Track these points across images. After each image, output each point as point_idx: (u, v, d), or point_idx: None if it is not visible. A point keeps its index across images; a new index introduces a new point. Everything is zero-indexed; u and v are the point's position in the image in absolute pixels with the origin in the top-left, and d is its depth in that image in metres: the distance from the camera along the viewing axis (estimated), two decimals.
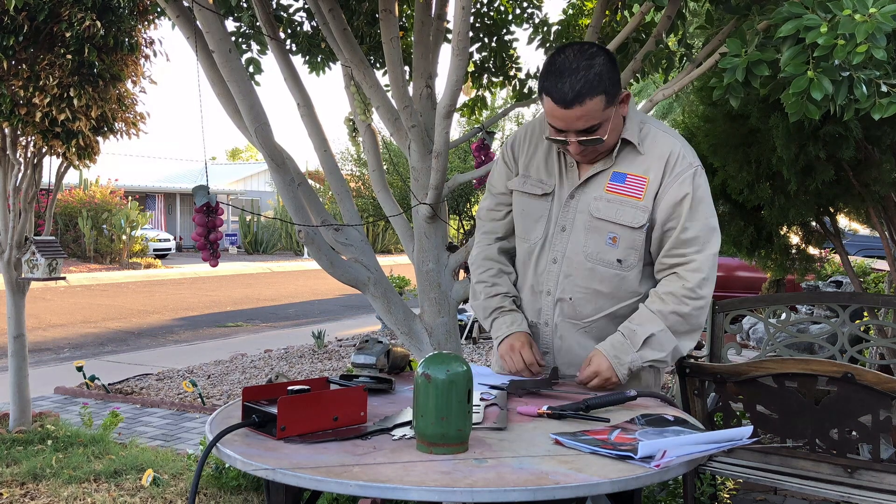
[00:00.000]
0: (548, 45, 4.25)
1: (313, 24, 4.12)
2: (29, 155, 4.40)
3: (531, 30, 4.26)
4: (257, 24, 3.77)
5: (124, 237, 21.01)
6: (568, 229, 1.96)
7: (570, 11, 4.25)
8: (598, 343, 1.92)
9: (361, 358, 1.87)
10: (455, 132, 13.57)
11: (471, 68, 4.31)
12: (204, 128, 3.26)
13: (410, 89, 3.45)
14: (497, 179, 2.13)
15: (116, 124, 4.38)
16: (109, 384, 6.23)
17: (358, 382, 1.81)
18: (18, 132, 4.26)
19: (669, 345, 1.87)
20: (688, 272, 1.88)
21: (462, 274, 6.70)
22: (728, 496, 3.63)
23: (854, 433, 2.47)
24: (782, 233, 4.35)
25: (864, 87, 1.96)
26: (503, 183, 2.11)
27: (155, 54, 4.45)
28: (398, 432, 1.50)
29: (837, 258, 6.02)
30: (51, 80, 3.95)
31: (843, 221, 5.34)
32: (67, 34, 3.90)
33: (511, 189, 2.06)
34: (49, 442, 4.27)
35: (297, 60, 4.18)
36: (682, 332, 1.89)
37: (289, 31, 4.17)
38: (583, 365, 1.89)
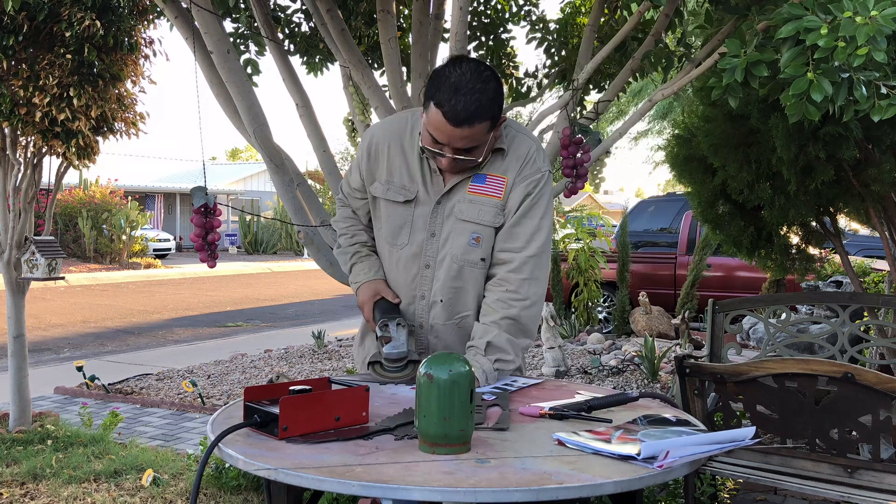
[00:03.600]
0: (546, 43, 4.25)
1: (311, 24, 4.12)
2: (29, 155, 4.40)
3: (529, 28, 4.26)
4: (255, 24, 3.77)
5: (124, 237, 20.99)
6: (437, 234, 2.00)
7: (568, 10, 4.25)
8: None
9: (394, 352, 1.89)
10: None
11: None
12: (203, 128, 3.26)
13: (409, 89, 3.45)
14: (351, 176, 2.13)
15: (116, 124, 4.38)
16: (109, 384, 6.23)
17: (393, 377, 1.89)
18: (18, 132, 4.26)
19: (508, 345, 1.93)
20: (510, 273, 1.94)
21: None
22: (728, 496, 3.63)
23: (854, 433, 2.47)
24: (782, 233, 4.36)
25: (863, 89, 1.96)
26: (357, 183, 2.11)
27: (154, 54, 4.45)
28: (400, 432, 1.50)
29: (837, 258, 6.03)
30: (50, 79, 3.95)
31: (843, 221, 5.34)
32: (67, 34, 3.89)
33: (374, 196, 2.07)
34: (49, 442, 4.27)
35: (296, 61, 4.18)
36: (518, 335, 1.95)
37: (287, 31, 4.17)
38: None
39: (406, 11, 4.24)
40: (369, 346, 2.17)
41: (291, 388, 1.53)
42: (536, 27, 4.23)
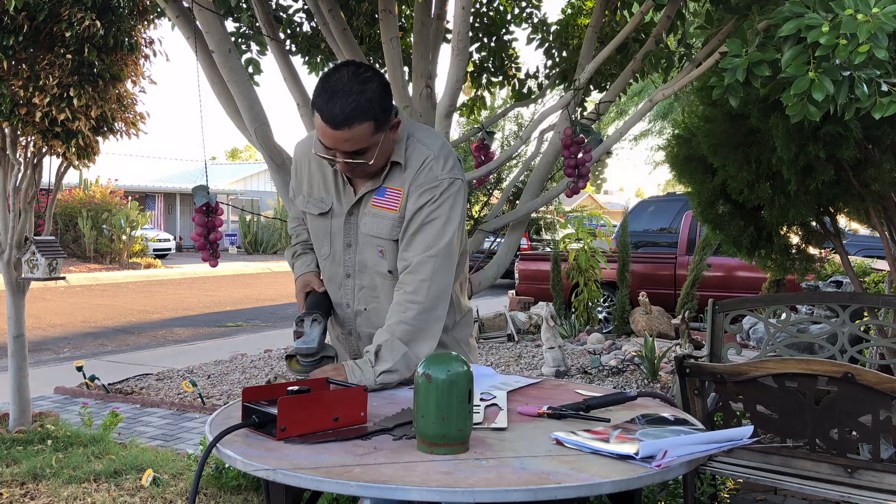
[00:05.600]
0: (547, 44, 4.25)
1: (313, 24, 4.12)
2: (29, 155, 4.40)
3: (530, 29, 4.26)
4: (257, 24, 3.77)
5: (124, 237, 21.00)
6: (353, 245, 2.03)
7: (569, 11, 4.25)
8: None
9: (304, 347, 1.93)
10: (455, 132, 13.58)
11: (470, 68, 4.31)
12: (204, 128, 3.26)
13: (410, 89, 3.45)
14: (291, 188, 2.22)
15: (116, 124, 4.38)
16: (109, 384, 6.23)
17: (304, 370, 1.92)
18: (18, 132, 4.26)
19: (398, 352, 1.85)
20: (407, 275, 1.90)
21: None
22: (728, 496, 3.63)
23: (854, 433, 2.47)
24: (782, 233, 4.35)
25: (864, 87, 1.96)
26: (292, 193, 2.19)
27: (155, 54, 4.45)
28: (399, 432, 1.50)
29: (837, 258, 6.03)
30: (51, 79, 3.95)
31: (843, 221, 5.34)
32: (67, 34, 3.89)
33: (301, 209, 2.13)
34: (49, 442, 4.27)
35: (297, 60, 4.18)
36: (413, 340, 1.87)
37: (288, 31, 4.17)
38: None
39: (408, 12, 4.24)
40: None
41: (290, 388, 1.53)
42: (538, 28, 4.23)
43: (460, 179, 1.96)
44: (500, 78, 4.39)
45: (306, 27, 4.19)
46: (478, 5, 4.16)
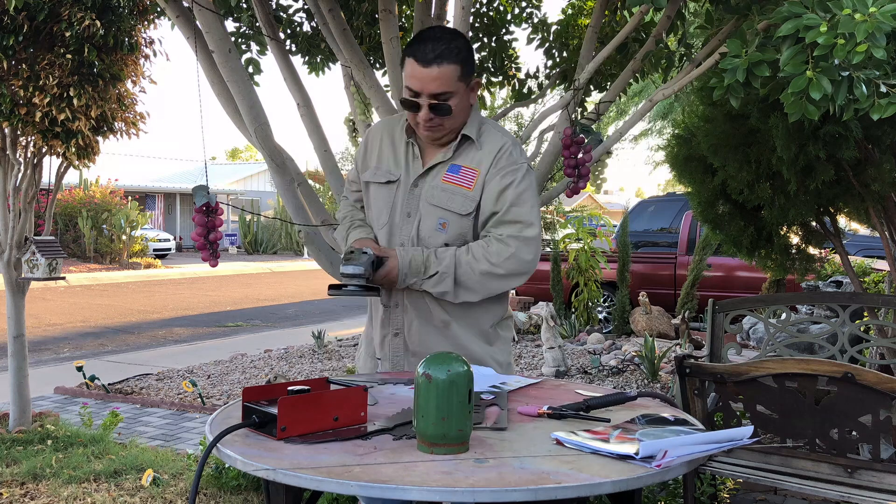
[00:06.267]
0: (547, 44, 4.25)
1: (313, 24, 4.12)
2: (29, 155, 4.40)
3: (530, 29, 4.26)
4: (257, 24, 3.77)
5: (124, 237, 21.00)
6: (413, 215, 2.09)
7: (570, 11, 4.25)
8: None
9: (350, 269, 1.94)
10: None
11: None
12: (204, 128, 3.25)
13: None
14: (352, 170, 2.30)
15: (116, 124, 4.38)
16: (109, 384, 6.23)
17: (348, 291, 1.93)
18: (18, 132, 4.26)
19: (447, 286, 1.99)
20: (496, 242, 1.99)
21: None
22: (728, 496, 3.63)
23: (854, 433, 2.47)
24: (782, 233, 4.35)
25: (863, 87, 1.96)
26: (355, 174, 2.28)
27: (155, 54, 4.45)
28: (399, 432, 1.50)
29: (837, 258, 6.02)
30: (51, 79, 3.95)
31: (842, 221, 5.34)
32: (67, 34, 3.89)
33: (365, 181, 2.20)
34: (49, 442, 4.27)
35: (297, 61, 4.18)
36: (464, 286, 2.00)
37: (288, 31, 4.17)
38: (382, 251, 2.02)
39: (408, 12, 4.24)
40: (365, 357, 2.27)
41: (290, 388, 1.53)
42: (539, 29, 4.23)
43: (530, 166, 2.09)
44: (500, 78, 4.38)
45: (306, 27, 4.19)
46: (478, 5, 4.16)
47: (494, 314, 2.15)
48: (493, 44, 4.29)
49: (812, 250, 4.55)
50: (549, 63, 4.27)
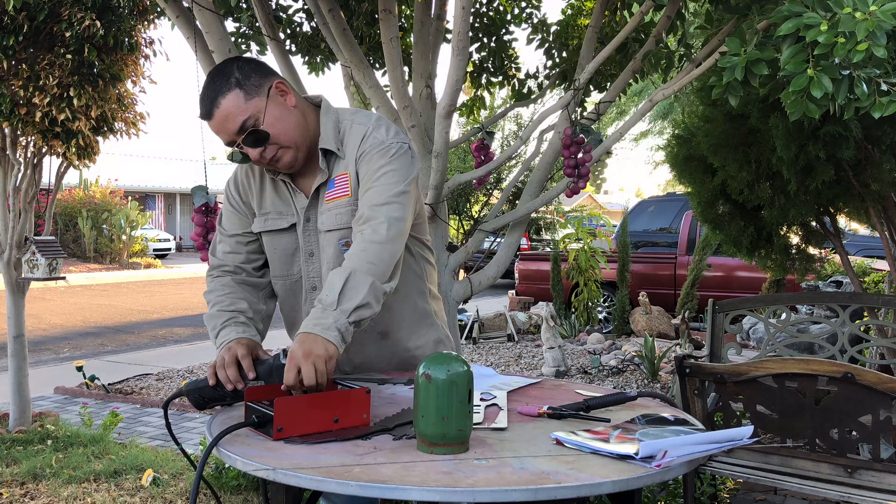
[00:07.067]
0: (547, 45, 4.25)
1: (313, 24, 4.12)
2: (29, 155, 4.40)
3: (530, 29, 4.26)
4: (257, 24, 3.77)
5: (124, 237, 21.00)
6: (315, 253, 1.90)
7: (569, 11, 4.25)
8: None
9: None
10: (455, 132, 13.57)
11: (470, 68, 4.31)
12: (203, 128, 3.26)
13: (410, 89, 3.45)
14: (228, 222, 1.99)
15: (116, 124, 4.38)
16: (109, 384, 6.23)
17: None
18: (18, 132, 4.26)
19: (364, 284, 1.62)
20: (363, 224, 1.73)
21: (462, 274, 6.70)
22: (728, 496, 3.63)
23: (854, 433, 2.47)
24: (782, 233, 4.35)
25: (864, 86, 1.96)
26: (236, 226, 1.98)
27: (155, 54, 4.45)
28: (399, 432, 1.50)
29: (837, 258, 6.03)
30: (51, 79, 3.95)
31: (842, 221, 5.34)
32: (67, 34, 3.89)
33: (257, 232, 1.95)
34: (49, 442, 4.27)
35: (297, 61, 4.18)
36: (376, 274, 1.65)
37: (288, 31, 4.17)
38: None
39: (408, 12, 4.24)
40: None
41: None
42: (538, 29, 4.23)
43: (408, 144, 1.86)
44: (500, 78, 4.39)
45: (306, 27, 4.19)
46: (478, 5, 4.16)
47: (427, 303, 1.98)
48: (492, 44, 4.29)
49: (812, 250, 4.55)
50: (549, 63, 4.28)
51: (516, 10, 4.27)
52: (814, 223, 4.38)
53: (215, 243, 2.02)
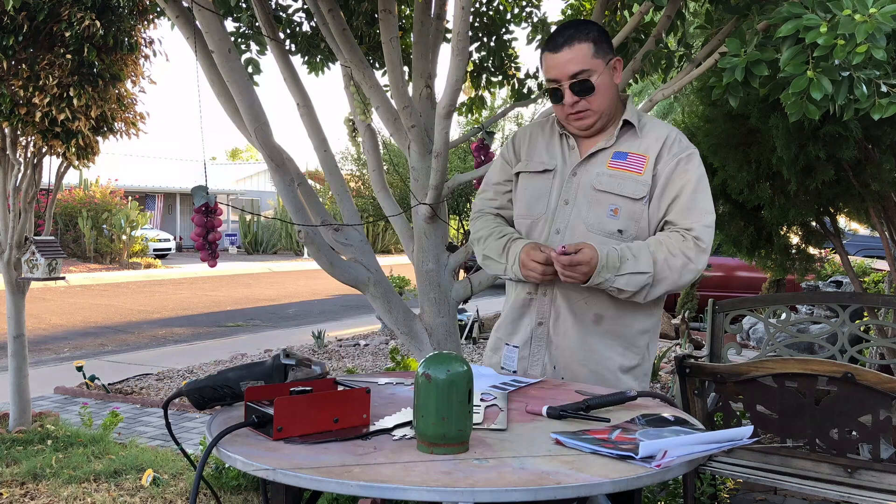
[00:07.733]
0: None
1: (312, 24, 4.12)
2: (29, 155, 4.40)
3: (530, 29, 4.26)
4: (256, 24, 3.77)
5: (124, 237, 21.00)
6: (570, 203, 2.06)
7: (569, 11, 4.25)
8: (599, 249, 1.94)
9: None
10: (455, 132, 13.56)
11: (470, 68, 4.31)
12: (204, 128, 3.26)
13: (410, 89, 3.45)
14: (493, 173, 2.27)
15: (116, 124, 4.38)
16: (109, 384, 6.23)
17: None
18: (18, 132, 4.26)
19: (639, 284, 1.91)
20: (690, 235, 1.95)
21: (462, 274, 6.68)
22: (728, 496, 3.63)
23: (854, 433, 2.47)
24: (782, 233, 4.36)
25: (863, 87, 1.96)
26: (501, 176, 2.23)
27: (155, 54, 4.45)
28: (399, 433, 1.50)
29: (837, 258, 6.03)
30: (50, 79, 3.95)
31: (842, 221, 5.34)
32: (67, 34, 3.89)
33: (516, 172, 2.17)
34: (49, 442, 4.27)
35: (297, 60, 4.17)
36: (660, 281, 1.94)
37: (288, 31, 4.17)
38: (574, 245, 1.89)
39: (408, 11, 4.24)
40: (495, 355, 2.20)
41: (292, 388, 1.53)
42: (538, 28, 4.22)
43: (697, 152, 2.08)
44: (500, 78, 4.38)
45: (306, 27, 4.18)
46: (477, 5, 4.15)
47: (648, 320, 2.08)
48: (492, 44, 4.28)
49: (812, 250, 4.56)
50: None
51: (516, 10, 4.27)
52: (814, 223, 4.38)
53: (480, 192, 2.31)
